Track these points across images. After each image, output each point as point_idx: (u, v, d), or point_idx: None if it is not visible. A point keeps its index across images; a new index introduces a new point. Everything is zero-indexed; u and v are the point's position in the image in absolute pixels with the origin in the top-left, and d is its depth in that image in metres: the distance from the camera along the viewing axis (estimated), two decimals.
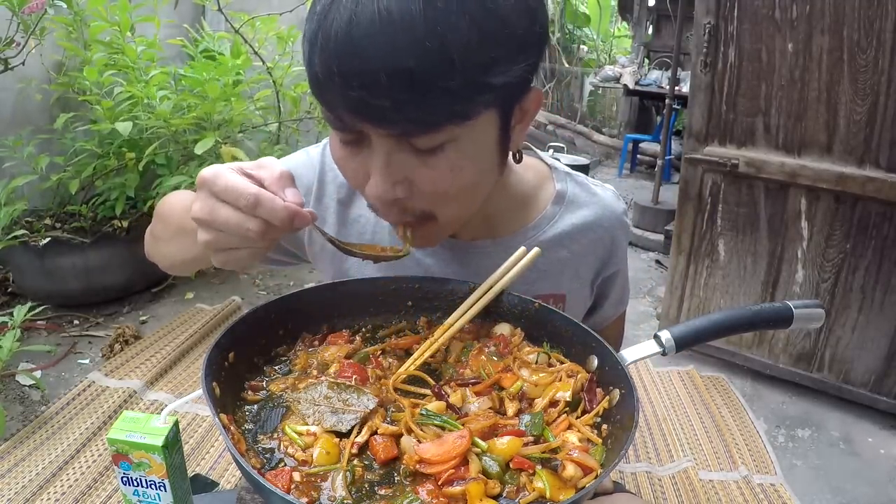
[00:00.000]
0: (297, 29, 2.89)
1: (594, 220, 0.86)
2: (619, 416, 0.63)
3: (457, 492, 0.53)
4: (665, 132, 4.13)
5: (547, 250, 0.80)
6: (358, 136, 0.62)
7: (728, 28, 2.18)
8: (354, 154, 0.64)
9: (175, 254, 0.80)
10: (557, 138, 5.89)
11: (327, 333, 0.75)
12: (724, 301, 2.53)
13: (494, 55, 0.56)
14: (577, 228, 0.85)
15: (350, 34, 0.53)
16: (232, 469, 1.92)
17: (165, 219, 0.82)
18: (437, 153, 0.61)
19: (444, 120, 0.58)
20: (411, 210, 0.67)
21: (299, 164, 0.89)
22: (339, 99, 0.57)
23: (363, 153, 0.63)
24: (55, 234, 2.53)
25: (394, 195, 0.63)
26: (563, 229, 0.85)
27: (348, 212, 0.87)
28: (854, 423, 2.32)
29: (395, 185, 0.62)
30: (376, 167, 0.61)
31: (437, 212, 0.67)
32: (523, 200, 0.85)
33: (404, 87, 0.53)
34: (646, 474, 2.03)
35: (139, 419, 0.65)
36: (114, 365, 2.30)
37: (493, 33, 0.55)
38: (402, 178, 0.62)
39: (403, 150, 0.60)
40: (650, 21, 6.89)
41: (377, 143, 0.60)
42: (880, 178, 2.04)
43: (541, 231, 0.84)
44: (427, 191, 0.64)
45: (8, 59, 2.31)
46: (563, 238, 0.85)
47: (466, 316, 0.75)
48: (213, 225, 0.57)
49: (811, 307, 0.74)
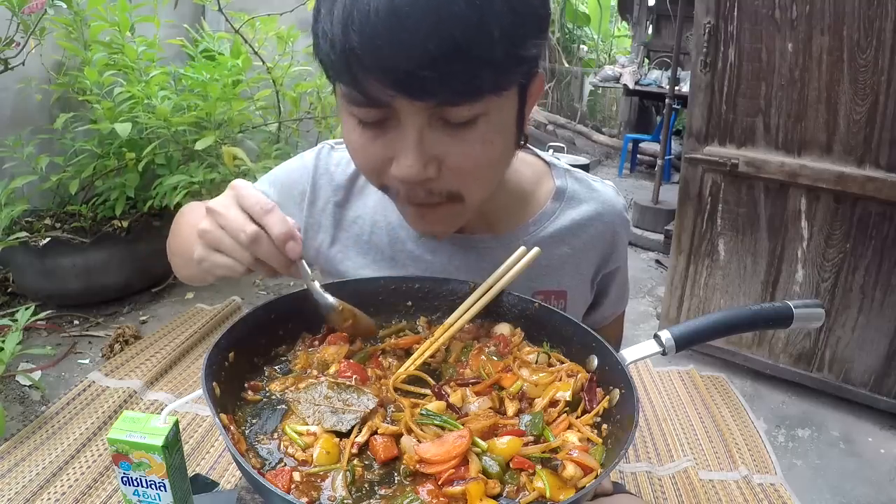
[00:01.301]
0: (297, 29, 2.89)
1: (594, 215, 0.87)
2: (619, 416, 0.63)
3: (457, 492, 0.53)
4: (665, 132, 4.13)
5: (548, 246, 0.80)
6: (384, 116, 0.62)
7: (728, 28, 2.18)
8: (377, 137, 0.65)
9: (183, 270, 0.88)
10: (557, 138, 5.90)
11: (327, 333, 0.75)
12: (724, 301, 2.53)
13: (524, 31, 0.60)
14: (578, 224, 0.86)
15: (393, 8, 0.54)
16: (232, 469, 1.92)
17: (176, 236, 0.88)
18: (470, 127, 0.62)
19: (486, 90, 0.60)
20: (438, 191, 0.67)
21: (293, 169, 0.89)
22: (379, 73, 0.57)
23: (388, 135, 0.64)
24: (55, 234, 2.53)
25: (425, 175, 0.63)
26: (563, 225, 0.85)
27: (345, 213, 0.88)
28: (854, 423, 2.32)
29: (427, 165, 0.63)
30: (408, 145, 0.62)
31: (464, 191, 0.68)
32: (523, 196, 0.86)
33: (451, 58, 0.55)
34: (646, 474, 2.03)
35: (139, 419, 0.65)
36: (114, 365, 2.30)
37: (521, 9, 0.59)
38: (433, 157, 0.63)
39: (435, 127, 0.62)
40: (650, 21, 6.89)
41: (409, 121, 0.61)
42: (880, 177, 2.04)
43: (541, 227, 0.84)
44: (458, 167, 0.65)
45: (8, 59, 2.31)
46: (563, 234, 0.85)
47: (466, 316, 0.75)
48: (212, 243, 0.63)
49: (811, 307, 0.74)
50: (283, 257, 0.62)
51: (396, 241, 0.85)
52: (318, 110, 2.91)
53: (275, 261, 0.62)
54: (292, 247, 0.62)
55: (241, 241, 0.60)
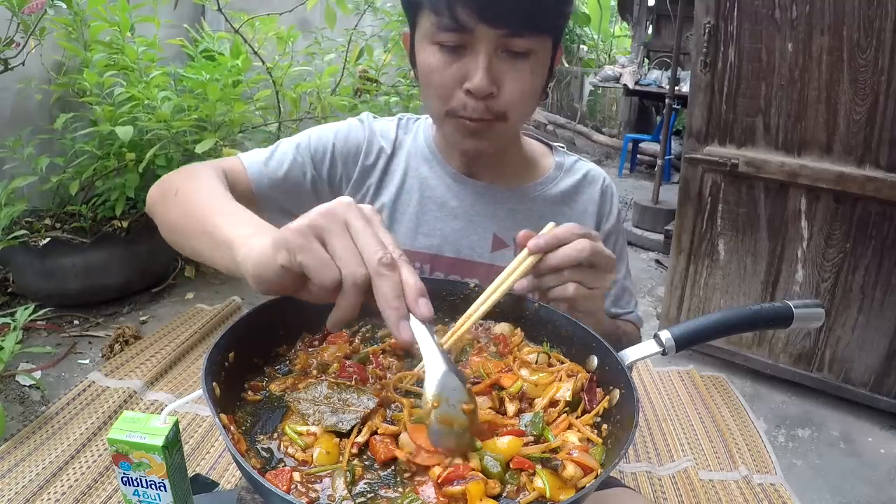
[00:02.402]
0: (297, 29, 2.89)
1: (584, 176, 1.03)
2: (619, 416, 0.63)
3: (457, 491, 0.53)
4: (665, 132, 4.13)
5: (552, 206, 0.99)
6: (462, 42, 0.79)
7: (728, 28, 2.18)
8: (453, 61, 0.81)
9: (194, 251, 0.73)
10: (557, 138, 5.89)
11: (327, 333, 0.75)
12: (724, 301, 2.53)
13: None
14: (573, 187, 1.02)
15: None
16: (232, 469, 1.92)
17: (190, 213, 0.74)
18: (524, 59, 0.80)
19: (542, 28, 0.80)
20: (493, 109, 0.82)
21: (343, 128, 0.99)
22: (469, 2, 0.74)
23: (462, 59, 0.80)
24: (55, 234, 2.53)
25: (490, 89, 0.80)
26: (562, 189, 1.01)
27: (389, 166, 0.99)
28: (854, 423, 2.32)
29: (492, 83, 0.80)
30: (480, 65, 0.78)
31: (510, 113, 0.84)
32: (532, 160, 1.03)
33: None
34: (646, 474, 2.03)
35: (139, 419, 0.65)
36: (114, 365, 2.30)
37: None
38: (496, 79, 0.80)
39: (499, 56, 0.80)
40: (650, 21, 6.89)
41: (482, 47, 0.78)
42: (880, 177, 2.04)
43: (546, 187, 1.00)
44: (511, 91, 0.81)
45: (8, 59, 2.31)
46: (563, 196, 1.00)
47: (475, 316, 0.74)
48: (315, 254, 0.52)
49: (811, 307, 0.74)
50: (403, 311, 0.51)
51: (426, 188, 0.97)
52: (318, 110, 2.91)
53: (394, 312, 0.51)
54: (424, 304, 0.52)
55: (369, 266, 0.51)
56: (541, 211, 0.98)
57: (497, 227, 0.96)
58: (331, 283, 0.51)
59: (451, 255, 0.96)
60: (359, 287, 0.51)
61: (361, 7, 3.05)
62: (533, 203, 0.98)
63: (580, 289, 0.70)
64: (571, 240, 0.70)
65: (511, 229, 0.95)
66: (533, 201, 0.98)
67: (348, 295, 0.51)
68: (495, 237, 0.97)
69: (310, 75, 2.99)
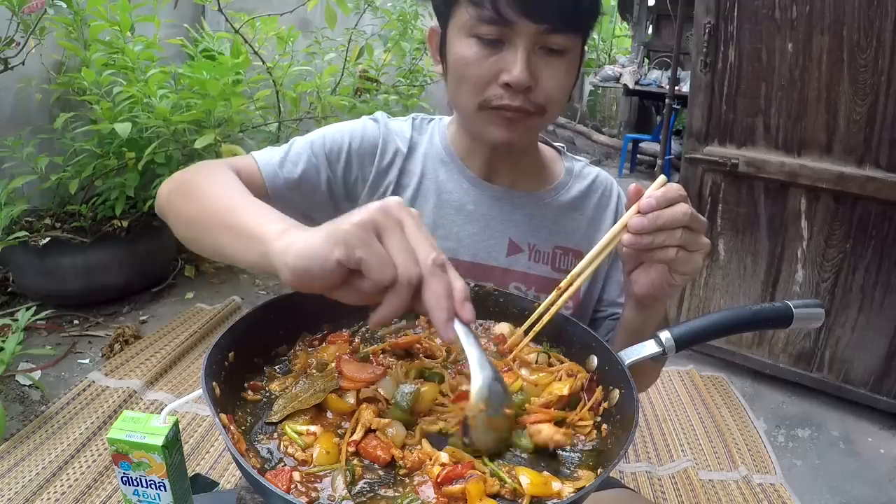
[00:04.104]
0: (297, 29, 2.89)
1: (593, 181, 1.05)
2: (619, 416, 0.63)
3: (456, 491, 0.53)
4: (665, 132, 4.13)
5: (565, 211, 1.00)
6: (501, 36, 0.80)
7: (728, 28, 2.18)
8: (491, 54, 0.82)
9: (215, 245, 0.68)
10: (557, 138, 5.88)
11: (327, 333, 0.75)
12: (724, 301, 2.53)
13: None
14: (584, 193, 1.03)
15: None
16: (232, 469, 1.92)
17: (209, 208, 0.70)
18: (560, 56, 0.82)
19: (578, 27, 0.82)
20: (531, 101, 0.83)
21: (358, 128, 0.98)
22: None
23: (500, 53, 0.81)
24: (55, 233, 2.53)
25: (529, 82, 0.81)
26: (574, 194, 1.02)
27: (406, 165, 0.98)
28: (854, 423, 2.32)
29: (530, 76, 0.81)
30: (519, 58, 0.80)
31: (547, 106, 0.85)
32: (547, 166, 1.04)
33: None
34: (646, 474, 2.03)
35: (139, 419, 0.65)
36: (114, 365, 2.30)
37: None
38: (533, 73, 0.81)
39: (536, 52, 0.81)
40: (650, 21, 6.89)
41: (521, 42, 0.80)
42: (880, 177, 2.04)
43: (559, 193, 1.01)
44: (547, 86, 0.83)
45: (8, 58, 2.31)
46: (574, 201, 1.01)
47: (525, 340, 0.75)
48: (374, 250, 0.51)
49: (811, 307, 0.74)
50: (451, 312, 0.53)
51: (444, 191, 0.97)
52: (318, 110, 2.91)
53: (443, 312, 0.52)
54: (469, 307, 0.54)
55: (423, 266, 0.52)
56: (554, 216, 0.99)
57: (513, 232, 0.97)
58: (388, 280, 0.51)
59: (468, 259, 0.95)
60: (412, 286, 0.51)
61: (361, 7, 3.05)
62: (547, 209, 0.99)
63: (681, 251, 0.71)
64: (678, 201, 0.70)
65: (526, 235, 0.97)
66: (547, 207, 0.99)
67: (400, 293, 0.51)
68: (511, 242, 0.96)
69: (310, 75, 2.99)
